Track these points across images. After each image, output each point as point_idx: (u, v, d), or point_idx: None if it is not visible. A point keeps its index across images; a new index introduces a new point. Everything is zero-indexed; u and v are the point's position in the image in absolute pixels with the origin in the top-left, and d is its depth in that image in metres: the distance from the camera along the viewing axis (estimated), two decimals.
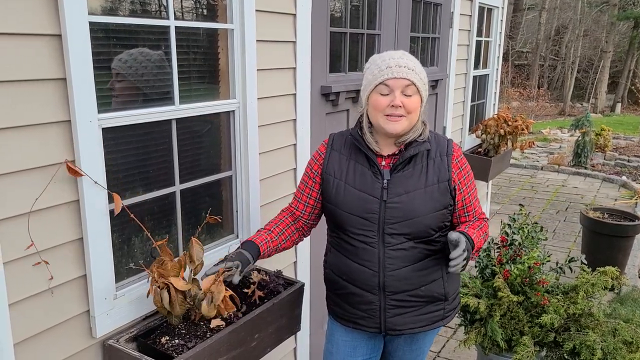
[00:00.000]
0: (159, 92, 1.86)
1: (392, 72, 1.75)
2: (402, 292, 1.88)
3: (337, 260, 1.96)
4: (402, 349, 2.09)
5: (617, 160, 9.91)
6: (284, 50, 2.43)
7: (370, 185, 1.84)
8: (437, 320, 1.97)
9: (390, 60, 1.78)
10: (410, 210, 1.81)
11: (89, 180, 1.57)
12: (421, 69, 1.82)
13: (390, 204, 1.82)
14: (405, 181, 1.83)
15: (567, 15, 24.22)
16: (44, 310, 1.53)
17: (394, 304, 1.89)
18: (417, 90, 1.79)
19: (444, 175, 1.85)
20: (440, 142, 1.91)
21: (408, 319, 1.92)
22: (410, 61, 1.80)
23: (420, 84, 1.80)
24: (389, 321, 1.92)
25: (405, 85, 1.76)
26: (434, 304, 1.94)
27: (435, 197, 1.83)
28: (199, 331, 1.77)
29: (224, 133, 2.19)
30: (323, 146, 1.98)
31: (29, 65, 1.40)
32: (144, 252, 1.88)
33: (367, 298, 1.91)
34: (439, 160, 1.86)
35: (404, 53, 1.83)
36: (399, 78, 1.75)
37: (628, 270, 5.03)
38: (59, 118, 1.49)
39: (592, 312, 2.63)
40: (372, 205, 1.83)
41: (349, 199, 1.86)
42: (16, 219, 1.43)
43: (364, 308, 1.93)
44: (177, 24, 1.86)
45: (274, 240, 1.94)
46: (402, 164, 1.84)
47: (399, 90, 1.76)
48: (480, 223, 1.93)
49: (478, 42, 5.37)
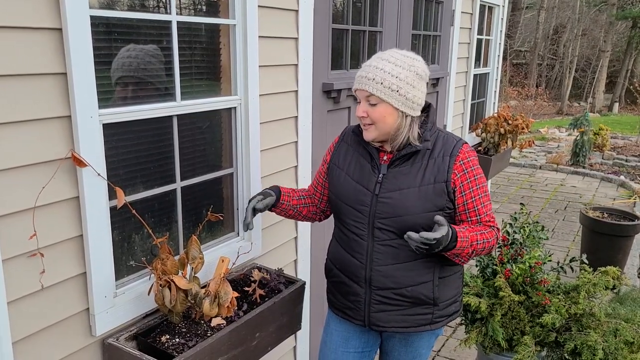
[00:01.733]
0: (160, 88, 1.83)
1: (356, 82, 1.80)
2: (387, 289, 1.87)
3: (334, 249, 2.03)
4: (397, 350, 2.07)
5: (615, 160, 9.92)
6: (286, 46, 2.41)
7: (367, 178, 1.86)
8: (424, 324, 1.92)
9: (361, 69, 1.80)
10: (401, 207, 1.79)
11: (89, 177, 1.54)
12: (393, 74, 1.72)
13: (382, 199, 1.82)
14: (400, 177, 1.82)
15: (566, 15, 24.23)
16: (43, 309, 1.51)
17: (378, 300, 1.90)
18: (379, 99, 1.74)
19: (441, 176, 1.80)
20: (448, 142, 1.84)
21: (392, 317, 1.91)
22: (376, 69, 1.73)
23: (383, 92, 1.72)
24: (372, 316, 1.92)
25: (366, 96, 1.77)
26: (421, 307, 1.90)
27: (428, 197, 1.79)
28: (200, 330, 1.76)
29: (225, 130, 2.17)
30: (338, 137, 2.05)
31: (29, 59, 1.38)
32: (144, 250, 1.86)
33: (354, 289, 1.94)
34: (440, 160, 1.81)
35: (380, 58, 1.77)
36: (358, 89, 1.79)
37: (627, 270, 5.03)
38: (60, 113, 1.47)
39: (594, 312, 2.62)
40: (364, 197, 1.85)
41: (346, 189, 1.90)
42: (15, 216, 1.41)
43: (352, 299, 1.95)
44: (178, 19, 1.84)
45: (294, 199, 2.08)
46: (400, 160, 1.83)
47: (364, 100, 1.78)
48: (484, 228, 1.82)
49: (479, 40, 5.36)
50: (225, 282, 1.75)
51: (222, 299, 1.71)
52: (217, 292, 1.72)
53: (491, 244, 1.84)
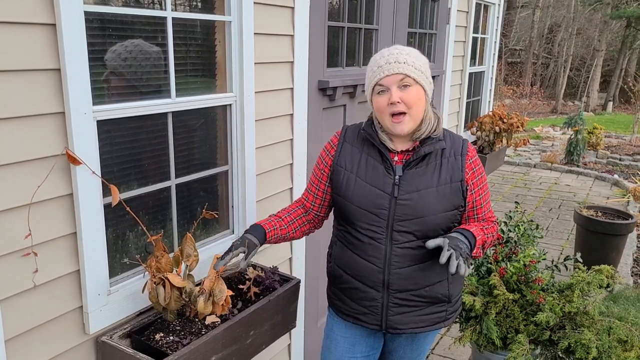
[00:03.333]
0: (155, 85, 1.82)
1: (383, 71, 1.74)
2: (406, 291, 1.85)
3: (343, 254, 1.93)
4: (403, 347, 2.06)
5: (609, 159, 9.97)
6: (282, 43, 2.40)
7: (382, 180, 1.81)
8: (438, 322, 1.94)
9: (380, 59, 1.76)
10: (421, 208, 1.78)
11: (83, 174, 1.53)
12: (417, 58, 1.76)
13: (401, 201, 1.78)
14: (417, 178, 1.79)
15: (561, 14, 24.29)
16: (37, 307, 1.50)
17: (397, 302, 1.87)
18: (414, 81, 1.74)
19: (457, 175, 1.81)
20: (456, 141, 1.86)
21: (410, 318, 1.89)
22: (402, 54, 1.74)
23: (417, 74, 1.73)
24: (390, 319, 1.89)
25: (399, 79, 1.73)
26: (437, 305, 1.91)
27: (447, 197, 1.80)
28: (194, 328, 1.75)
29: (221, 127, 2.16)
30: (335, 137, 1.95)
31: (22, 55, 1.36)
32: (138, 248, 1.85)
33: (370, 294, 1.88)
34: (453, 160, 1.82)
35: (396, 47, 1.78)
36: (391, 75, 1.73)
37: (620, 269, 5.06)
38: (53, 110, 1.45)
39: (588, 310, 2.63)
40: (382, 200, 1.80)
41: (360, 192, 1.83)
42: (8, 213, 1.40)
43: (367, 304, 1.90)
44: (174, 15, 1.83)
45: (282, 229, 1.92)
46: (416, 161, 1.81)
47: (395, 86, 1.74)
48: (487, 224, 1.89)
49: (474, 38, 5.36)
50: (220, 280, 1.74)
51: (216, 297, 1.71)
52: (212, 289, 1.71)
53: (494, 237, 1.90)
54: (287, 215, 1.97)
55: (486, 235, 1.85)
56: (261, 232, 1.86)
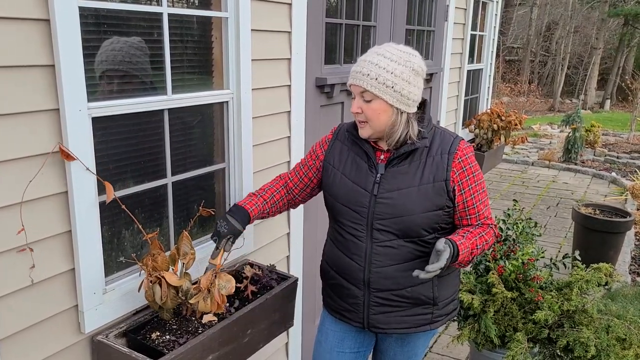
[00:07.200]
0: (151, 82, 1.80)
1: (350, 77, 1.74)
2: (387, 291, 1.84)
3: (330, 251, 1.97)
4: (394, 349, 2.04)
5: (606, 157, 9.97)
6: (279, 40, 2.38)
7: (364, 178, 1.81)
8: (423, 324, 1.90)
9: (356, 64, 1.74)
10: (401, 207, 1.75)
11: (78, 171, 1.51)
12: (388, 69, 1.67)
13: (381, 199, 1.77)
14: (399, 177, 1.77)
15: (558, 12, 24.29)
16: (31, 305, 1.48)
17: (378, 302, 1.86)
18: (374, 95, 1.68)
19: (441, 174, 1.75)
20: (445, 139, 1.80)
21: (392, 318, 1.88)
22: (371, 64, 1.68)
23: (378, 89, 1.66)
24: (372, 318, 1.89)
25: (360, 92, 1.72)
26: (421, 307, 1.87)
27: (428, 197, 1.75)
28: (191, 327, 1.74)
29: (217, 124, 2.14)
30: (331, 133, 1.98)
31: (16, 50, 1.34)
32: (134, 246, 1.83)
33: (352, 292, 1.89)
34: (439, 159, 1.77)
35: (377, 52, 1.71)
36: (353, 85, 1.74)
37: (618, 266, 5.05)
38: (47, 106, 1.43)
39: (586, 308, 2.62)
40: (363, 198, 1.80)
41: (343, 190, 1.84)
42: (2, 210, 1.38)
43: (350, 302, 1.91)
44: (170, 11, 1.80)
45: (263, 205, 1.94)
46: (398, 159, 1.78)
47: (359, 96, 1.73)
48: (483, 230, 1.80)
49: (472, 36, 5.35)
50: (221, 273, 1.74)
51: (213, 295, 1.69)
52: (208, 288, 1.70)
53: (489, 243, 1.82)
54: (267, 190, 1.99)
55: (477, 248, 1.74)
56: (245, 215, 1.87)
